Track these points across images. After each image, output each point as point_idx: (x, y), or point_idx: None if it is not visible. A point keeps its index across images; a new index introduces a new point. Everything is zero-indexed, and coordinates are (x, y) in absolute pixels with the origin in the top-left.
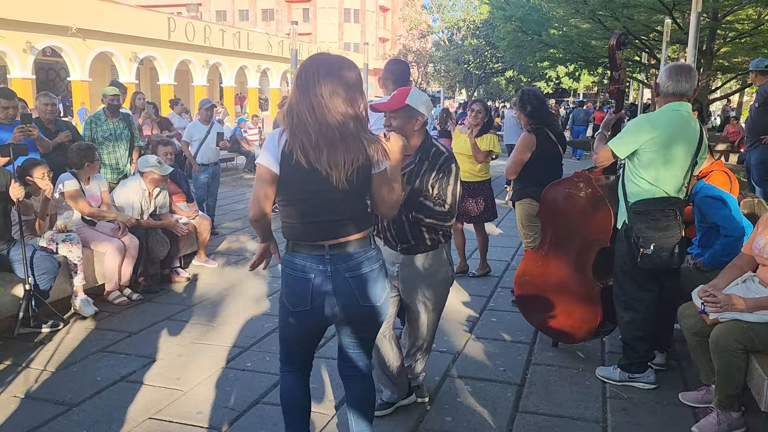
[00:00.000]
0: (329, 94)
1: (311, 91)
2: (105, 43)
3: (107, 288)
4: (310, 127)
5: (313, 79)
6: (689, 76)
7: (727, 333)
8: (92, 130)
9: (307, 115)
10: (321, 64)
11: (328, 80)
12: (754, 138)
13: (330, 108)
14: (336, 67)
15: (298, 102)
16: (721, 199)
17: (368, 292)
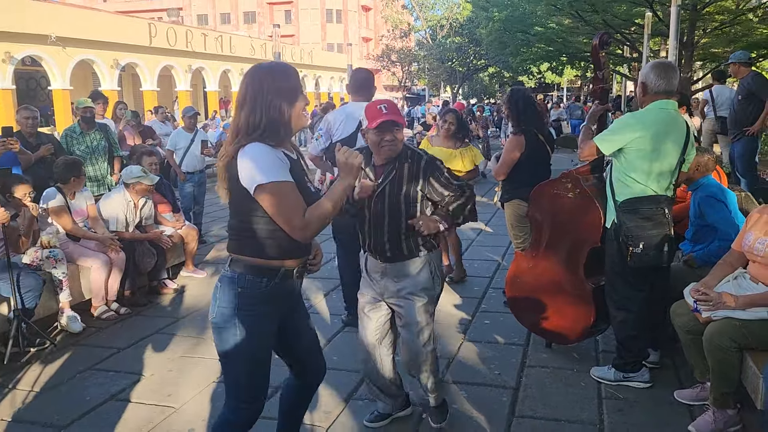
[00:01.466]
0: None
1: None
2: (85, 50)
3: (94, 303)
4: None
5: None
6: (675, 73)
7: (721, 331)
8: (69, 144)
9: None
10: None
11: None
12: (738, 130)
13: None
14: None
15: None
16: (723, 201)
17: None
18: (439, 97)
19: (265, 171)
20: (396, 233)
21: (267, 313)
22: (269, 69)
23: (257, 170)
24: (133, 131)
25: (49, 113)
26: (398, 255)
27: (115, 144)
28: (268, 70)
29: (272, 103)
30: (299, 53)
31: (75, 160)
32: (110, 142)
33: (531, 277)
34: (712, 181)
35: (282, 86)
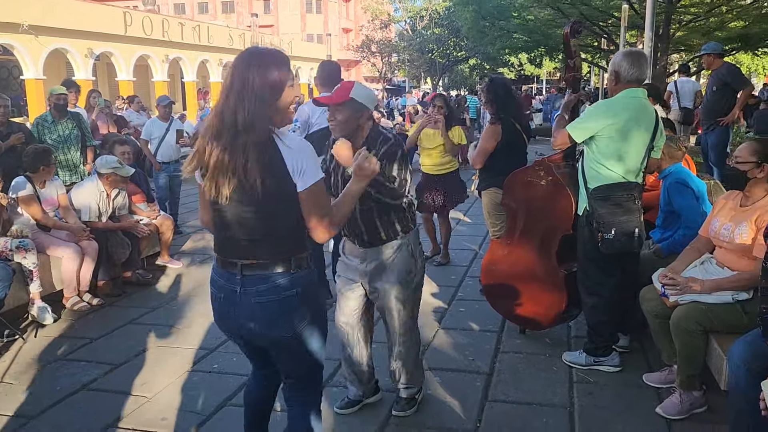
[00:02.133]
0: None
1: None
2: (58, 39)
3: (66, 294)
4: None
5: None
6: (646, 62)
7: (687, 315)
8: (40, 133)
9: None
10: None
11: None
12: (711, 120)
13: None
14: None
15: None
16: (690, 188)
17: (274, 321)
18: (419, 88)
19: (317, 165)
20: (369, 218)
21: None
22: (256, 57)
23: (314, 164)
24: (107, 120)
25: (21, 103)
26: (376, 239)
27: (88, 133)
28: (255, 59)
29: (259, 96)
30: (278, 44)
31: (45, 149)
32: (83, 131)
33: (505, 265)
34: (681, 168)
35: (269, 78)
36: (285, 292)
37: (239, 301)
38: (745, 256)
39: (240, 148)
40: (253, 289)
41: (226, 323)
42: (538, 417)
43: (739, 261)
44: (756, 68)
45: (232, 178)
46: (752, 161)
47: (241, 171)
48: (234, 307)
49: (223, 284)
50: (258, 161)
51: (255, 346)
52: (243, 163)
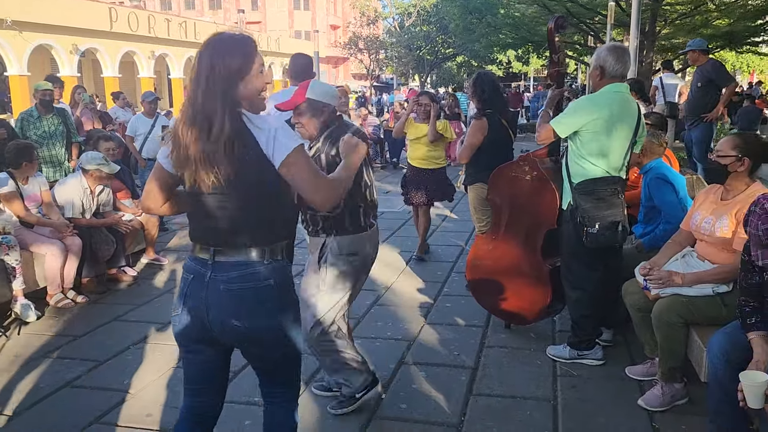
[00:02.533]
0: None
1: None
2: (43, 35)
3: (49, 291)
4: None
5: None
6: (629, 57)
7: (668, 308)
8: (24, 128)
9: None
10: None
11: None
12: (695, 116)
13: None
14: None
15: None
16: (670, 183)
17: (243, 310)
18: (407, 85)
19: (289, 137)
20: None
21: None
22: (222, 43)
23: (285, 136)
24: (92, 116)
25: (5, 100)
26: (309, 229)
27: (73, 129)
28: (220, 45)
29: (225, 82)
30: (266, 40)
31: (27, 145)
32: (68, 127)
33: (491, 260)
34: (661, 163)
35: (234, 63)
36: (258, 282)
37: (208, 286)
38: (725, 249)
39: (214, 136)
40: (223, 276)
41: (191, 306)
42: (522, 410)
43: (720, 254)
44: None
45: (209, 166)
46: (733, 155)
47: (217, 159)
48: (203, 292)
49: (194, 268)
50: (232, 148)
51: (209, 348)
52: (217, 150)
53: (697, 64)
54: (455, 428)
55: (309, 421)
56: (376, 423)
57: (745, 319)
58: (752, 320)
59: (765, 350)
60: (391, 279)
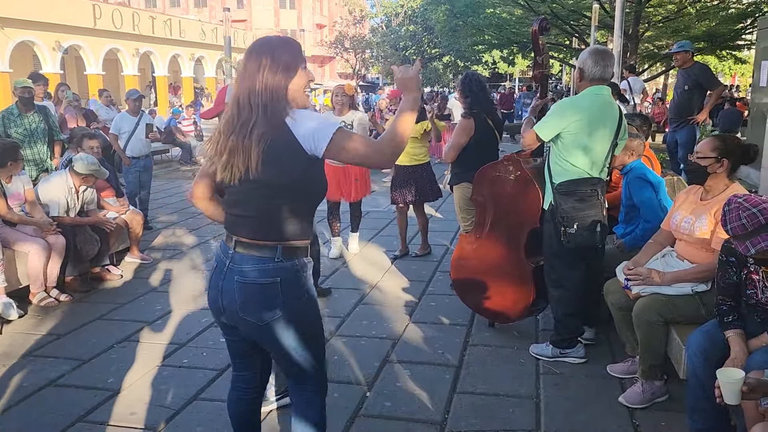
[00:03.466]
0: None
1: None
2: (25, 31)
3: (32, 290)
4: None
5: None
6: (611, 61)
7: (648, 306)
8: (6, 126)
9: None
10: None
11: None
12: (681, 119)
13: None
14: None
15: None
16: (649, 182)
17: (249, 304)
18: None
19: (326, 123)
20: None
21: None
22: (268, 43)
23: (321, 123)
24: (76, 113)
25: None
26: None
27: (55, 127)
28: (266, 45)
29: (273, 80)
30: (251, 38)
31: (12, 144)
32: (50, 125)
33: (475, 259)
34: (641, 164)
35: (281, 61)
36: (266, 279)
37: (225, 275)
38: (704, 248)
39: (255, 131)
40: (238, 268)
41: (210, 293)
42: (505, 408)
43: (699, 253)
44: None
45: (243, 157)
46: (712, 156)
47: (253, 154)
48: (220, 281)
49: (220, 256)
50: (271, 144)
51: (234, 331)
52: (254, 145)
53: (684, 66)
54: (439, 426)
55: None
56: (360, 421)
57: (722, 317)
58: (729, 319)
59: (742, 348)
60: (376, 278)
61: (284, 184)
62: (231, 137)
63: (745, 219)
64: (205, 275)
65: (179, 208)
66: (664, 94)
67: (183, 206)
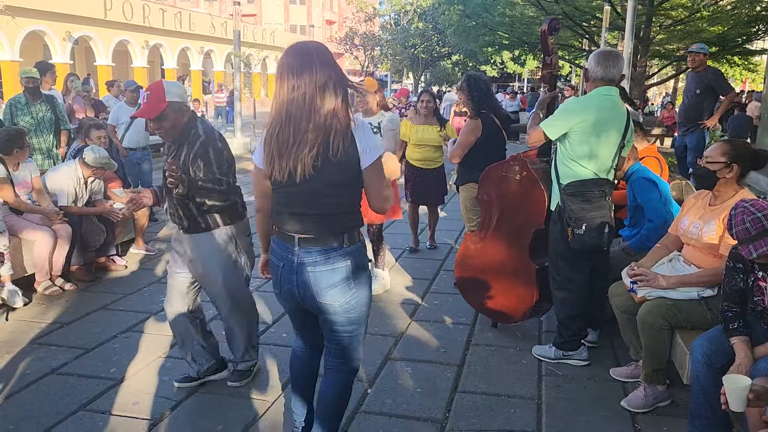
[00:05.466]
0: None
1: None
2: (36, 21)
3: (37, 278)
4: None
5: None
6: (617, 62)
7: (653, 310)
8: (13, 114)
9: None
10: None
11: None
12: (692, 123)
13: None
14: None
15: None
16: (652, 182)
17: (326, 290)
18: (401, 83)
19: (378, 143)
20: (185, 207)
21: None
22: (327, 52)
23: (375, 142)
24: (84, 104)
25: None
26: (195, 227)
27: (63, 116)
28: (327, 54)
29: (341, 83)
30: (261, 34)
31: (18, 131)
32: (57, 114)
33: (479, 259)
34: (643, 167)
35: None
36: (337, 264)
37: (297, 270)
38: (711, 254)
39: (321, 132)
40: (309, 260)
41: (285, 290)
42: (506, 408)
43: (706, 259)
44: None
45: (307, 158)
46: (722, 162)
47: (320, 152)
48: (293, 276)
49: (282, 255)
50: (339, 144)
51: (307, 314)
52: (321, 143)
53: (698, 69)
54: (440, 424)
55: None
56: (360, 418)
57: (728, 324)
58: (734, 325)
59: (747, 354)
60: None
61: (348, 180)
62: (303, 135)
63: (749, 223)
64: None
65: None
66: (673, 98)
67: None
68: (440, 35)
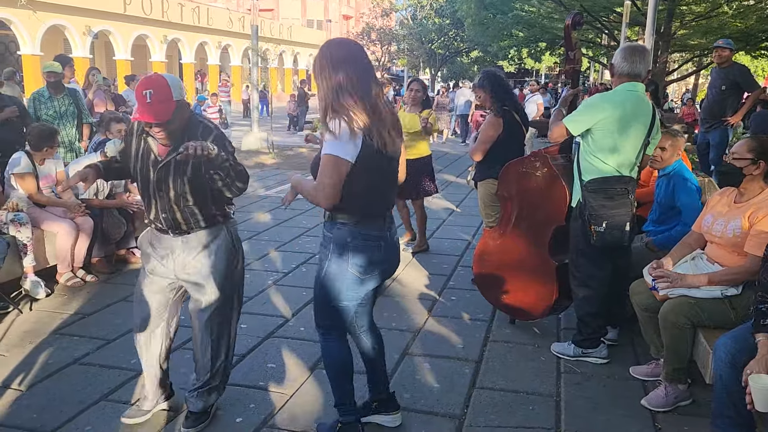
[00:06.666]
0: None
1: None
2: (57, 15)
3: (59, 269)
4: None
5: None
6: (643, 58)
7: (676, 309)
8: (36, 108)
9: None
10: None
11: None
12: (716, 119)
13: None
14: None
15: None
16: (695, 185)
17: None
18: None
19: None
20: (185, 206)
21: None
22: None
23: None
24: (105, 97)
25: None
26: (195, 225)
27: (85, 110)
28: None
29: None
30: (278, 28)
31: (52, 130)
32: (79, 108)
33: (498, 255)
34: (684, 165)
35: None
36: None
37: (393, 243)
38: (736, 252)
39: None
40: (393, 232)
41: (389, 267)
42: (525, 405)
43: (731, 257)
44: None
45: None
46: (749, 158)
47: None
48: (394, 250)
49: (379, 234)
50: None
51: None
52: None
53: (723, 64)
54: (458, 420)
55: (313, 406)
56: None
57: (759, 319)
58: (766, 321)
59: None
60: (398, 270)
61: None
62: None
63: None
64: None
65: None
66: (694, 94)
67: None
68: (457, 30)
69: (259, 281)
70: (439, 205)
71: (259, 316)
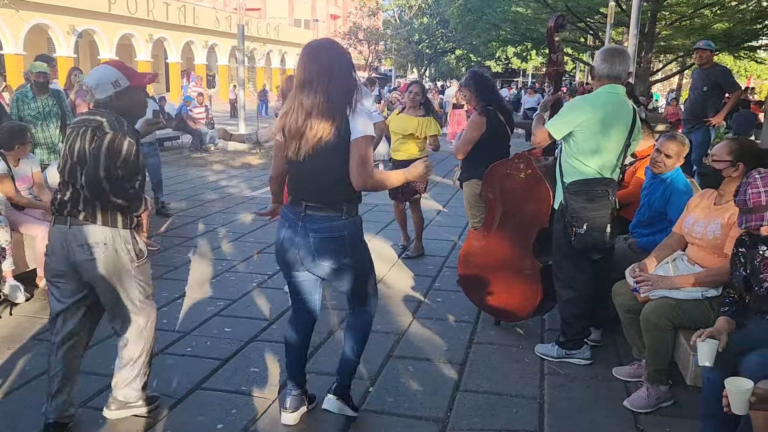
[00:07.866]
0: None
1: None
2: (40, 14)
3: (39, 273)
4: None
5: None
6: (622, 59)
7: (657, 310)
8: (19, 108)
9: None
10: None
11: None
12: (697, 120)
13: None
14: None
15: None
16: (689, 197)
17: (326, 253)
18: (405, 78)
19: (366, 125)
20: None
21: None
22: (332, 47)
23: (363, 124)
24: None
25: None
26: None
27: (68, 111)
28: (333, 49)
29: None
30: (265, 28)
31: (20, 126)
32: (63, 109)
33: (482, 256)
34: (682, 175)
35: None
36: (335, 233)
37: (300, 233)
38: (715, 253)
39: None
40: (312, 226)
41: (288, 250)
42: (508, 407)
43: (711, 258)
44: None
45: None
46: (728, 160)
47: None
48: (297, 238)
49: (291, 218)
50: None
51: (309, 273)
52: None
53: (705, 66)
54: (441, 423)
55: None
56: (362, 415)
57: (722, 306)
58: (726, 309)
59: (723, 327)
60: (383, 272)
61: (339, 157)
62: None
63: (749, 195)
64: (212, 265)
65: (189, 195)
66: (678, 94)
67: (192, 193)
68: (444, 30)
69: (243, 284)
70: (426, 205)
71: (242, 319)
